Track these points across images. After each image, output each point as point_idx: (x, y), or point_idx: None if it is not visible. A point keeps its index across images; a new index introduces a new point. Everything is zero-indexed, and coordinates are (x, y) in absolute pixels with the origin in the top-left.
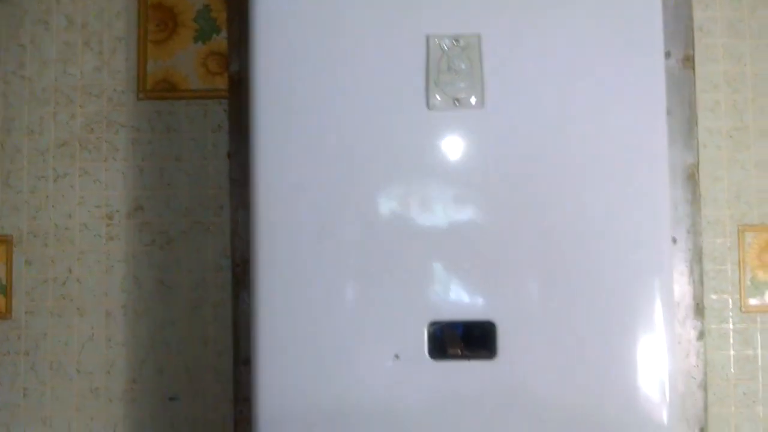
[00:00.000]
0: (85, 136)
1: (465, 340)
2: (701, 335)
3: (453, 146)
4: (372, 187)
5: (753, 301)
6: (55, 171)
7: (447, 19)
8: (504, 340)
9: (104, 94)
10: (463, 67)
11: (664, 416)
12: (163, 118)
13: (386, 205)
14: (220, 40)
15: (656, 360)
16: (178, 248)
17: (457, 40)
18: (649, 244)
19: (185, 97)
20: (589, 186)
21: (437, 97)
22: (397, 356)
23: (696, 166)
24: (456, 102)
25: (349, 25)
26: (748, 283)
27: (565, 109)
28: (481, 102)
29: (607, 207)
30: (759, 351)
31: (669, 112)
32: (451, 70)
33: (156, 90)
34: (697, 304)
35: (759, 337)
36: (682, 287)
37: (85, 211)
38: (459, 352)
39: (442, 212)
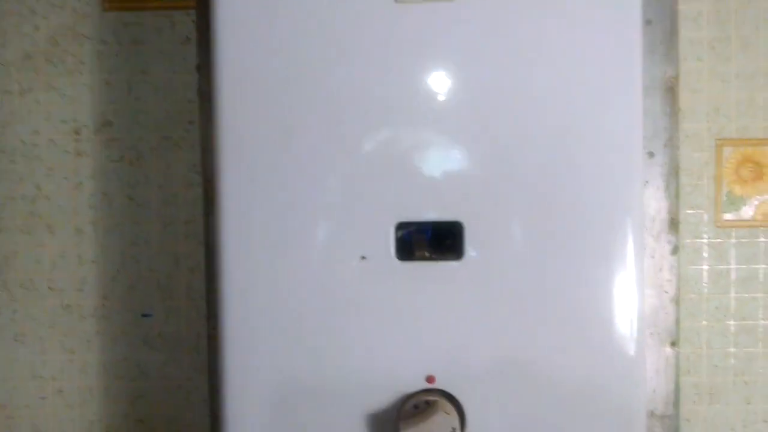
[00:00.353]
0: (50, 49)
1: (433, 241)
2: (675, 250)
3: (421, 37)
4: (337, 85)
5: (728, 216)
6: (20, 85)
7: None
8: (471, 240)
9: (68, 4)
10: None
11: (634, 328)
12: (130, 30)
13: (352, 106)
14: None
15: (626, 270)
16: (147, 164)
17: None
18: (620, 156)
19: (152, 8)
20: (561, 93)
21: None
22: (363, 257)
23: (676, 78)
24: None
25: None
26: (724, 198)
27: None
28: None
29: (580, 115)
30: (732, 266)
31: (649, 22)
32: None
33: (122, 0)
34: (672, 218)
35: (733, 251)
36: (657, 202)
37: (52, 127)
38: (426, 254)
39: (410, 111)
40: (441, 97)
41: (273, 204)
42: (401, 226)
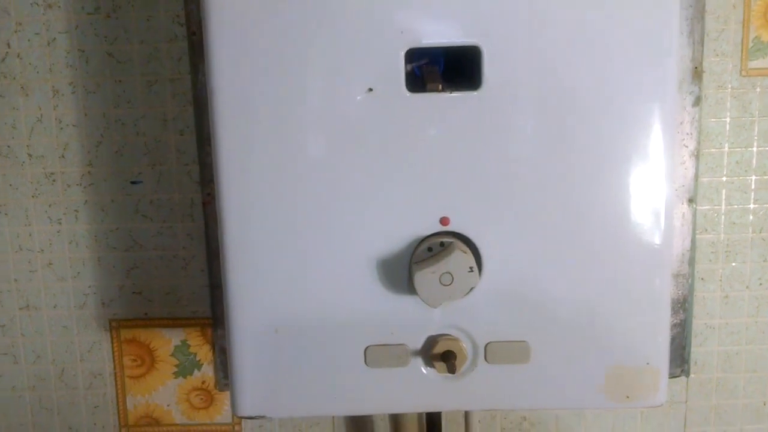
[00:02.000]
0: None
1: (447, 71)
2: (698, 101)
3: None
4: None
5: (754, 63)
6: None
7: None
8: (490, 67)
9: None
10: None
11: (661, 188)
12: None
13: None
14: None
15: (657, 126)
16: (125, 16)
17: None
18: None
19: None
20: None
21: None
22: (370, 89)
23: None
24: None
25: None
26: (751, 44)
27: None
28: None
29: None
30: (756, 117)
31: None
32: None
33: None
34: (696, 67)
35: (757, 102)
36: (681, 48)
37: None
38: (439, 87)
39: None
40: None
41: (269, 38)
42: (412, 53)
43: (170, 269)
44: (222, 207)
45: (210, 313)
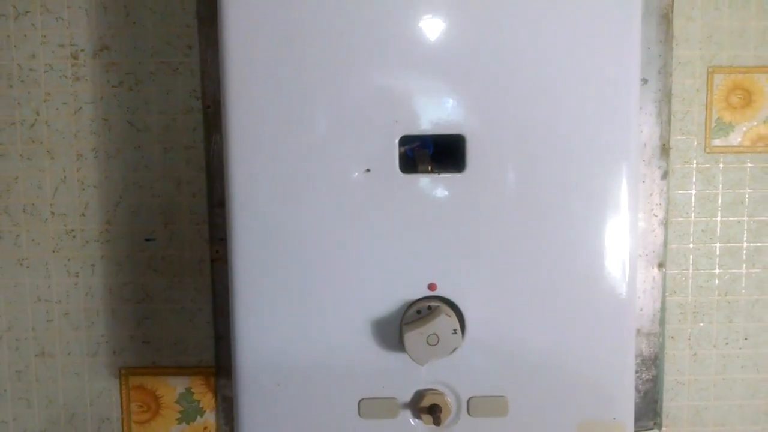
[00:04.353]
0: None
1: (436, 154)
2: (665, 174)
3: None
4: (344, 9)
5: (717, 142)
6: (16, 9)
7: None
8: (473, 154)
9: None
10: None
11: (626, 252)
12: None
13: (358, 24)
14: None
15: (622, 195)
16: (146, 89)
17: None
18: (617, 84)
19: None
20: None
21: None
22: (368, 170)
23: (670, 5)
24: None
25: None
26: (714, 124)
27: None
28: None
29: (576, 43)
30: (720, 190)
31: None
32: None
33: None
34: (664, 144)
35: (721, 176)
36: (650, 128)
37: (49, 51)
38: (429, 168)
39: (414, 29)
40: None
41: (279, 124)
42: (405, 140)
43: (178, 321)
44: (233, 269)
45: (214, 362)
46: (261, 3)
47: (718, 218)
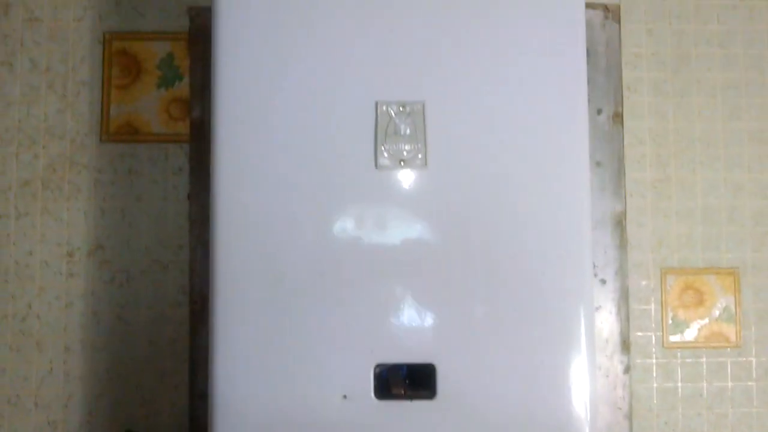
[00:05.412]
0: (48, 176)
1: (408, 381)
2: (627, 369)
3: (399, 201)
4: (324, 236)
5: (674, 338)
6: (17, 209)
7: (394, 87)
8: (443, 381)
9: (67, 135)
10: (408, 131)
11: None
12: (126, 160)
13: (338, 251)
14: (183, 87)
15: (581, 388)
16: (137, 285)
17: (403, 106)
18: (574, 284)
19: (147, 141)
20: (522, 233)
21: (385, 157)
22: (345, 396)
23: (623, 213)
24: (402, 162)
25: (306, 86)
26: (670, 321)
27: (499, 167)
28: (425, 162)
29: (538, 252)
30: (679, 384)
31: (599, 164)
32: (397, 133)
33: (119, 133)
34: (624, 340)
35: (679, 371)
36: (610, 325)
37: (46, 249)
38: (402, 392)
39: (390, 262)
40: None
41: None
42: (379, 368)
43: None
44: None
45: None
46: (247, 214)
47: (680, 411)
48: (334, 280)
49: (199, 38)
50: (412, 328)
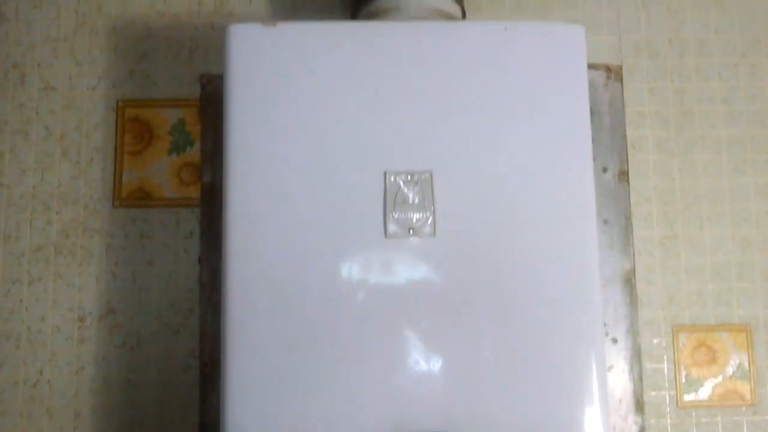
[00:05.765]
0: (61, 241)
1: None
2: (642, 430)
3: (408, 269)
4: (335, 303)
5: (688, 397)
6: (30, 275)
7: (402, 157)
8: None
9: (80, 201)
10: (416, 200)
11: None
12: (138, 224)
13: (348, 318)
14: (194, 152)
15: None
16: (147, 349)
17: (411, 176)
18: (585, 342)
19: (159, 205)
20: (533, 297)
21: (394, 226)
22: None
23: (632, 271)
24: (411, 231)
25: (316, 154)
26: (683, 380)
27: (507, 231)
28: (433, 231)
29: (549, 315)
30: None
31: (607, 222)
32: (405, 202)
33: (131, 198)
34: (638, 400)
35: (694, 431)
36: (623, 384)
37: (58, 314)
38: None
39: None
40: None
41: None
42: None
43: None
44: None
45: None
46: (258, 279)
47: None
48: (346, 346)
49: (210, 105)
50: (426, 395)
